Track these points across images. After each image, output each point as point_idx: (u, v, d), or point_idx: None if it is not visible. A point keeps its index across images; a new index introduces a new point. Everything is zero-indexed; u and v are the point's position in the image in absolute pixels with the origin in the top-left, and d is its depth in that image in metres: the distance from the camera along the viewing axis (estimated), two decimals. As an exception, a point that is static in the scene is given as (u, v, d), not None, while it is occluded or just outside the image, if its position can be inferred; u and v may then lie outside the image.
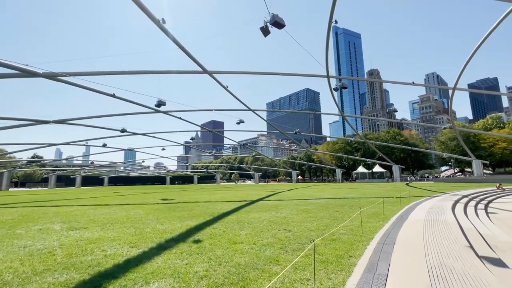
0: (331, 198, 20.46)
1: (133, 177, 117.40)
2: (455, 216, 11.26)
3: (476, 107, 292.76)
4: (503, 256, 6.32)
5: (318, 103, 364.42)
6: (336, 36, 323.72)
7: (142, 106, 32.21)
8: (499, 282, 4.25)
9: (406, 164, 76.37)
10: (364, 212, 11.21)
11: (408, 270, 4.85)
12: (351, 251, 5.99)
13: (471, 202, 17.18)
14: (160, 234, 8.20)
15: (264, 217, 11.06)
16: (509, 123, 72.95)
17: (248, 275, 4.63)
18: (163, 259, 5.67)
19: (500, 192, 25.37)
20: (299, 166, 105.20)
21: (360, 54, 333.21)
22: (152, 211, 14.33)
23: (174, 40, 18.60)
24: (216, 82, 27.33)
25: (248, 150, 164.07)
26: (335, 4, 17.55)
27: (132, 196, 29.32)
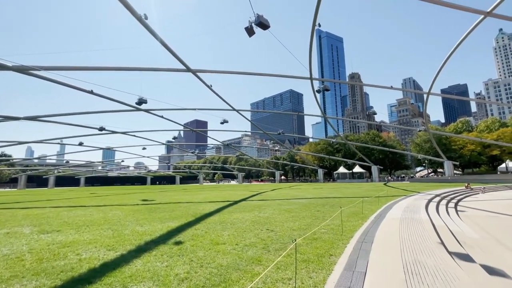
0: (313, 198, 20.84)
1: (112, 177, 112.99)
2: (428, 214, 11.86)
3: (448, 111, 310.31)
4: (470, 251, 6.73)
5: (302, 104, 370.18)
6: (320, 39, 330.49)
7: (122, 104, 31.11)
8: (467, 277, 4.52)
9: (384, 165, 79.42)
10: (345, 212, 11.52)
11: (385, 267, 5.04)
12: (332, 250, 6.12)
13: (443, 201, 18.17)
14: (139, 236, 7.95)
15: (247, 218, 11.05)
16: (477, 127, 78.08)
17: (230, 276, 4.60)
18: (143, 262, 5.50)
19: (468, 191, 27.05)
20: (283, 166, 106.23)
21: (342, 58, 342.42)
22: (131, 212, 13.87)
23: (156, 37, 18.12)
24: (200, 81, 26.97)
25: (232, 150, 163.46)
26: (318, 8, 17.90)
27: (110, 197, 28.21)
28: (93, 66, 21.91)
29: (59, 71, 20.70)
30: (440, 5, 17.46)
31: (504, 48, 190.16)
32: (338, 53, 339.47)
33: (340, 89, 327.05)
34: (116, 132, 46.32)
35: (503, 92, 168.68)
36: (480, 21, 19.73)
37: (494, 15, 18.56)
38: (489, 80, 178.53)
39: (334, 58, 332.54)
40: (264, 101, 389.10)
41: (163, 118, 39.75)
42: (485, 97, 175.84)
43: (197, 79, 26.43)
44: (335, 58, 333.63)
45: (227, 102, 35.58)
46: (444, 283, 4.20)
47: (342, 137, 75.01)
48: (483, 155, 63.73)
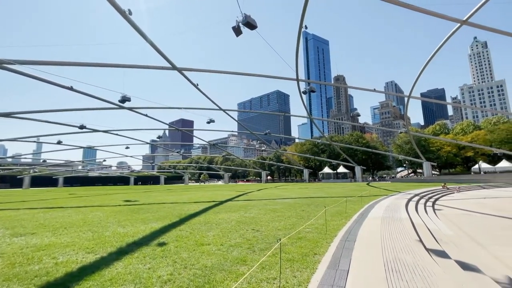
0: (298, 197, 21.07)
1: (93, 177, 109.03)
2: (408, 213, 12.31)
3: (427, 114, 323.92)
4: (446, 248, 7.05)
5: (288, 105, 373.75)
6: (306, 41, 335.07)
7: (105, 101, 30.09)
8: (442, 272, 4.73)
9: (367, 165, 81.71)
10: (329, 211, 11.74)
11: (367, 265, 5.17)
12: (316, 249, 6.21)
13: (421, 200, 18.94)
14: (121, 238, 7.71)
15: (233, 218, 11.00)
16: (453, 130, 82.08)
17: (215, 277, 4.56)
18: (124, 264, 5.34)
19: (445, 191, 28.36)
20: (269, 166, 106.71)
21: (328, 60, 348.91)
22: (113, 213, 13.43)
23: (141, 33, 17.67)
24: (186, 79, 26.57)
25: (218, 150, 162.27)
26: (305, 10, 18.14)
27: (90, 197, 27.20)
28: (72, 62, 21.06)
29: (35, 65, 19.71)
30: (421, 12, 18.20)
31: (478, 56, 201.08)
32: (324, 55, 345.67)
33: (325, 91, 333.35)
34: (97, 130, 44.71)
35: (477, 97, 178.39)
36: (456, 29, 20.75)
37: (470, 23, 19.58)
38: (464, 85, 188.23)
39: (320, 60, 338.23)
40: (251, 101, 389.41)
41: (148, 116, 38.84)
42: (460, 101, 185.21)
43: (183, 77, 26.03)
44: (321, 60, 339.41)
45: (214, 102, 35.29)
46: (422, 279, 4.37)
47: (327, 138, 76.44)
48: (459, 156, 67.06)
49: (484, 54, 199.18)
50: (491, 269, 5.71)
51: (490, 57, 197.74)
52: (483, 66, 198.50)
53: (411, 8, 17.72)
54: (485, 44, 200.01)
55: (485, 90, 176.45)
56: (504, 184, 40.73)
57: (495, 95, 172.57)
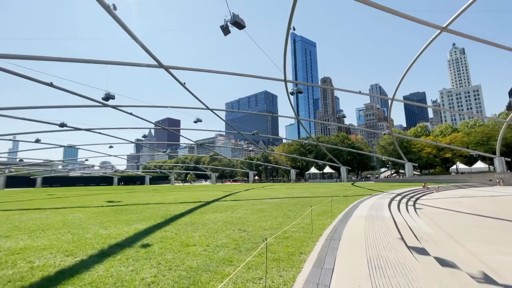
0: (285, 197, 21.22)
1: (74, 178, 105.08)
2: (390, 212, 12.68)
3: (409, 116, 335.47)
4: (426, 245, 7.33)
5: (276, 106, 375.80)
6: (294, 43, 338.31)
7: (87, 99, 29.09)
8: (422, 268, 4.90)
9: (352, 166, 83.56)
10: (315, 210, 11.90)
11: (351, 263, 5.27)
12: (302, 248, 6.27)
13: (403, 200, 19.58)
14: (103, 240, 7.46)
15: (219, 218, 10.92)
16: (433, 132, 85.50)
17: (200, 278, 4.50)
18: (105, 267, 5.16)
19: (425, 190, 29.48)
20: (256, 166, 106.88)
21: (315, 62, 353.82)
22: (94, 214, 12.98)
23: (126, 29, 17.21)
24: (173, 78, 26.13)
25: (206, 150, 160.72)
26: (293, 12, 18.31)
27: (71, 198, 26.18)
28: (53, 56, 20.16)
29: (12, 59, 18.75)
30: (405, 18, 18.82)
31: (457, 61, 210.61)
32: (311, 57, 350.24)
33: (312, 92, 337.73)
34: (79, 129, 43.15)
35: (455, 100, 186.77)
36: (436, 35, 21.64)
37: (449, 30, 20.47)
38: (443, 89, 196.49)
39: (307, 62, 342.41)
40: (239, 101, 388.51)
41: (132, 115, 37.94)
42: (440, 104, 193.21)
43: (170, 76, 25.59)
44: (308, 62, 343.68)
45: (201, 101, 34.94)
46: (403, 275, 4.51)
47: (314, 139, 77.52)
48: (438, 157, 69.91)
49: (461, 60, 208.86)
50: (467, 265, 5.99)
51: (467, 63, 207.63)
52: (461, 71, 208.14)
53: (396, 13, 18.31)
54: (462, 51, 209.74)
55: (462, 94, 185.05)
56: (479, 184, 42.88)
57: (471, 99, 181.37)
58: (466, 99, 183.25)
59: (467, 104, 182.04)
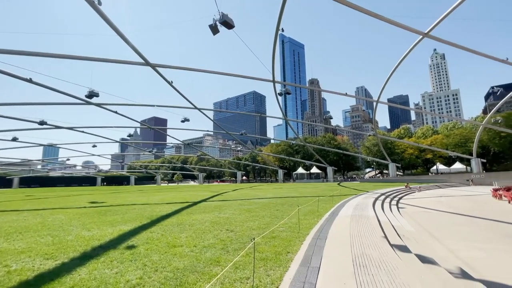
0: (273, 197, 21.34)
1: (54, 178, 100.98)
2: (374, 211, 13.04)
3: (393, 118, 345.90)
4: (407, 243, 7.59)
5: (264, 106, 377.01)
6: (283, 44, 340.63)
7: (69, 96, 28.08)
8: (404, 265, 5.08)
9: (339, 166, 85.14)
10: (302, 210, 12.05)
11: (336, 261, 5.39)
12: (289, 247, 6.34)
13: (387, 199, 20.18)
14: (85, 242, 7.23)
15: (207, 218, 10.84)
16: (415, 134, 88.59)
17: (187, 279, 4.46)
18: (88, 269, 5.01)
19: (408, 190, 30.51)
20: (244, 166, 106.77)
21: (303, 64, 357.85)
22: (77, 216, 12.55)
23: (111, 25, 16.76)
24: (159, 76, 25.68)
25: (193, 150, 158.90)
26: (282, 13, 18.47)
27: (51, 199, 25.15)
28: (32, 51, 19.31)
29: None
30: (389, 23, 19.40)
31: (437, 66, 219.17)
32: (300, 59, 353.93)
33: (300, 93, 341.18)
34: (60, 127, 41.55)
35: (436, 104, 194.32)
36: (419, 40, 22.46)
37: (430, 36, 21.31)
38: (425, 92, 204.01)
39: (296, 63, 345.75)
40: (227, 101, 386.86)
41: (117, 113, 36.93)
42: (422, 107, 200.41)
43: (157, 74, 25.14)
44: (296, 63, 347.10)
45: (189, 100, 34.54)
46: (386, 272, 4.67)
47: (301, 139, 78.39)
48: (420, 158, 72.51)
49: (442, 65, 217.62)
50: (445, 261, 6.26)
51: (447, 68, 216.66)
52: (441, 76, 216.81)
53: (381, 18, 18.85)
54: (443, 56, 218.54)
55: (442, 98, 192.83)
56: (457, 184, 44.86)
57: (451, 102, 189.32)
58: (446, 102, 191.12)
59: (446, 107, 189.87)
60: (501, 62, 24.68)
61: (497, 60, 24.65)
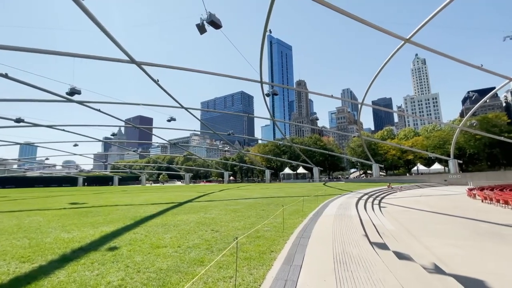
0: (259, 197, 21.46)
1: (32, 178, 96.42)
2: (357, 210, 13.43)
3: (377, 120, 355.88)
4: (387, 240, 7.91)
5: (252, 107, 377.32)
6: (271, 45, 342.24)
7: (49, 93, 26.97)
8: (381, 262, 5.31)
9: (324, 167, 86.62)
10: (287, 210, 12.23)
11: (318, 259, 5.55)
12: (273, 246, 6.45)
13: (370, 199, 20.79)
14: (65, 244, 7.03)
15: (192, 219, 10.79)
16: (398, 135, 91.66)
17: (170, 279, 4.46)
18: (67, 272, 4.89)
19: (390, 190, 31.54)
20: (232, 167, 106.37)
21: (291, 65, 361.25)
22: (56, 217, 12.11)
23: (95, 21, 16.29)
24: (145, 74, 25.20)
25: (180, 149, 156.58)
26: (270, 15, 18.62)
27: (28, 200, 24.07)
28: (9, 45, 18.41)
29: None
30: (374, 28, 20.01)
31: (419, 71, 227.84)
32: (287, 60, 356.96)
33: (288, 94, 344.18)
34: (39, 125, 39.80)
35: (417, 106, 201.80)
36: (401, 46, 23.30)
37: (412, 42, 22.17)
38: (407, 96, 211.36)
39: (283, 65, 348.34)
40: (215, 100, 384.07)
41: (101, 112, 35.86)
42: (404, 110, 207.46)
43: (143, 72, 24.65)
44: (284, 64, 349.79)
45: (175, 99, 34.08)
46: (364, 269, 4.86)
47: (288, 140, 79.18)
48: (402, 159, 75.09)
49: (423, 69, 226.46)
50: (421, 257, 6.58)
51: (428, 73, 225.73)
52: (422, 80, 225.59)
53: (366, 23, 19.41)
54: (424, 61, 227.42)
55: (423, 101, 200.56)
56: (436, 184, 46.84)
57: (431, 106, 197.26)
58: (426, 105, 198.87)
59: (427, 110, 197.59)
60: (476, 68, 26.05)
61: (473, 66, 26.01)
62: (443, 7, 18.76)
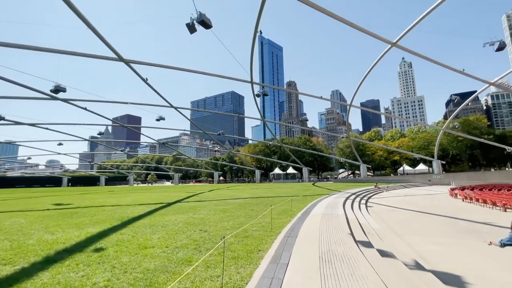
0: (249, 197, 21.53)
1: (13, 178, 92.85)
2: (344, 210, 13.72)
3: (365, 121, 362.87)
4: (371, 239, 8.15)
5: (243, 107, 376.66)
6: (262, 46, 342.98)
7: (32, 90, 26.07)
8: (365, 259, 5.50)
9: (314, 167, 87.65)
10: (276, 210, 12.37)
11: (304, 257, 5.68)
12: (261, 246, 6.54)
13: (357, 199, 21.25)
14: (48, 246, 6.87)
15: (181, 219, 10.74)
16: (385, 136, 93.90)
17: (157, 279, 4.47)
18: (51, 274, 4.81)
19: (376, 190, 32.30)
20: (222, 167, 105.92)
21: (282, 66, 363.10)
22: (39, 219, 11.77)
23: (81, 17, 15.90)
24: (134, 73, 24.78)
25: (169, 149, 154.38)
26: (260, 16, 18.73)
27: (9, 201, 23.21)
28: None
29: None
30: (362, 31, 20.45)
31: (405, 74, 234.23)
32: (278, 61, 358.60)
33: (278, 95, 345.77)
34: (21, 123, 38.39)
35: (403, 108, 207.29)
36: (388, 49, 23.94)
37: (398, 46, 22.79)
38: (394, 98, 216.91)
39: (274, 65, 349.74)
40: (205, 100, 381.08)
41: (87, 110, 34.97)
42: (391, 111, 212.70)
43: (131, 70, 24.23)
44: (275, 65, 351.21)
45: (165, 98, 33.66)
46: (348, 266, 5.03)
47: (278, 140, 79.59)
48: (388, 160, 76.99)
49: (409, 72, 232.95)
50: (403, 255, 6.84)
51: (414, 76, 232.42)
52: (409, 82, 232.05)
53: (355, 27, 19.81)
54: (410, 64, 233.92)
55: (409, 103, 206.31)
56: (420, 184, 48.31)
57: (416, 108, 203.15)
58: (412, 107, 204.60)
59: (413, 112, 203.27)
60: (458, 72, 27.07)
61: (455, 70, 27.00)
62: (427, 13, 19.41)
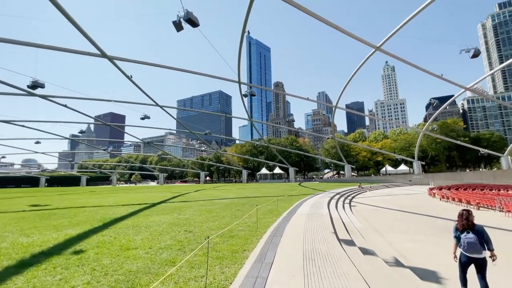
0: (235, 197, 21.49)
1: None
2: (329, 209, 13.99)
3: (350, 123, 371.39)
4: (354, 237, 8.38)
5: (230, 106, 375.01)
6: (250, 46, 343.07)
7: (7, 85, 24.74)
8: (347, 257, 5.65)
9: (300, 167, 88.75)
10: (262, 209, 12.43)
11: (288, 256, 5.76)
12: (246, 245, 6.56)
13: (341, 198, 21.73)
14: (23, 249, 6.57)
15: (165, 220, 10.56)
16: (368, 138, 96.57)
17: (139, 281, 4.39)
18: (26, 278, 4.61)
19: (360, 190, 33.16)
20: (208, 167, 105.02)
21: (269, 66, 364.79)
22: (13, 220, 11.21)
23: (62, 12, 15.29)
24: (118, 70, 24.10)
25: (154, 149, 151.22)
26: (248, 16, 18.77)
27: (-21, 203, 21.89)
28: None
29: None
30: (346, 34, 20.94)
31: (388, 77, 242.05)
32: (266, 61, 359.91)
33: (266, 95, 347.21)
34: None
35: (386, 111, 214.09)
36: (372, 53, 24.63)
37: (382, 50, 23.53)
38: (378, 100, 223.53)
39: (262, 66, 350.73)
40: (192, 99, 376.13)
41: (67, 107, 33.63)
42: (374, 113, 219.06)
43: (115, 67, 23.56)
44: (263, 65, 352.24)
45: (150, 97, 32.98)
46: (330, 264, 5.15)
47: (265, 140, 79.93)
48: (372, 160, 79.24)
49: (392, 76, 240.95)
50: (383, 252, 7.07)
51: (396, 79, 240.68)
52: (392, 86, 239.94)
53: (340, 30, 20.26)
54: (393, 68, 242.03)
55: (392, 106, 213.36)
56: (401, 184, 50.06)
57: (398, 110, 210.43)
58: (394, 110, 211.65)
59: (395, 115, 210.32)
60: (437, 77, 28.30)
61: (434, 75, 28.20)
62: (409, 19, 20.16)
